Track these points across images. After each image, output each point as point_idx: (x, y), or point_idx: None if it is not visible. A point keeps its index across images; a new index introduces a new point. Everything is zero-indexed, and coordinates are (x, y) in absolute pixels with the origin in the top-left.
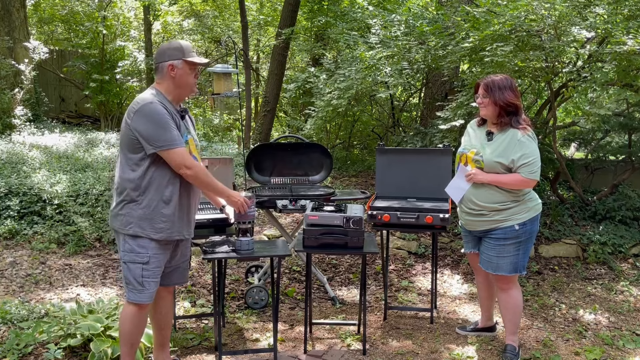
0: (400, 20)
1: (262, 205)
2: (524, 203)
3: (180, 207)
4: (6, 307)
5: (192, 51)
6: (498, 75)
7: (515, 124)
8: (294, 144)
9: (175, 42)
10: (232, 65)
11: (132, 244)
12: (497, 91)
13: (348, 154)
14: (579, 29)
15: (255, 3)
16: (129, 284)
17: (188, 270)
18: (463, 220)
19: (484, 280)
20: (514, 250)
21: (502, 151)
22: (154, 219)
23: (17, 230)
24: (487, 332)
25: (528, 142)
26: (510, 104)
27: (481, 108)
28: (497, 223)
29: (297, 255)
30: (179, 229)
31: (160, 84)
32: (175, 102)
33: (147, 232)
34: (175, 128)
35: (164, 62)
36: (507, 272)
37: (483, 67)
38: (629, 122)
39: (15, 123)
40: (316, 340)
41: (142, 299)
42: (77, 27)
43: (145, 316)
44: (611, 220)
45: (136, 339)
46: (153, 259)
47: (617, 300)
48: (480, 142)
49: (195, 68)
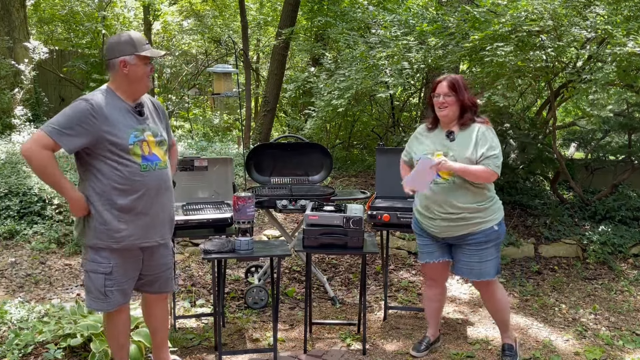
0: (400, 20)
1: (262, 205)
2: (495, 202)
3: (142, 209)
4: (6, 307)
5: (145, 43)
6: (452, 74)
7: (476, 119)
8: (294, 144)
9: (125, 35)
10: (232, 65)
11: (92, 253)
12: (463, 90)
13: (348, 154)
14: (579, 29)
15: (255, 3)
16: (90, 292)
17: (172, 278)
18: (434, 227)
19: (440, 293)
20: (495, 251)
21: (470, 146)
22: (109, 227)
23: (17, 230)
24: (436, 343)
25: (493, 135)
26: (474, 102)
27: (442, 109)
28: (478, 225)
29: (297, 255)
30: (143, 235)
31: (112, 82)
32: (130, 100)
33: (107, 243)
34: (80, 130)
35: (115, 59)
36: (491, 276)
37: (483, 67)
38: (629, 122)
39: (15, 123)
40: (316, 340)
41: (107, 307)
42: (77, 27)
43: (124, 318)
44: (611, 220)
45: (123, 340)
46: (116, 268)
47: (617, 300)
48: (442, 145)
49: (149, 62)
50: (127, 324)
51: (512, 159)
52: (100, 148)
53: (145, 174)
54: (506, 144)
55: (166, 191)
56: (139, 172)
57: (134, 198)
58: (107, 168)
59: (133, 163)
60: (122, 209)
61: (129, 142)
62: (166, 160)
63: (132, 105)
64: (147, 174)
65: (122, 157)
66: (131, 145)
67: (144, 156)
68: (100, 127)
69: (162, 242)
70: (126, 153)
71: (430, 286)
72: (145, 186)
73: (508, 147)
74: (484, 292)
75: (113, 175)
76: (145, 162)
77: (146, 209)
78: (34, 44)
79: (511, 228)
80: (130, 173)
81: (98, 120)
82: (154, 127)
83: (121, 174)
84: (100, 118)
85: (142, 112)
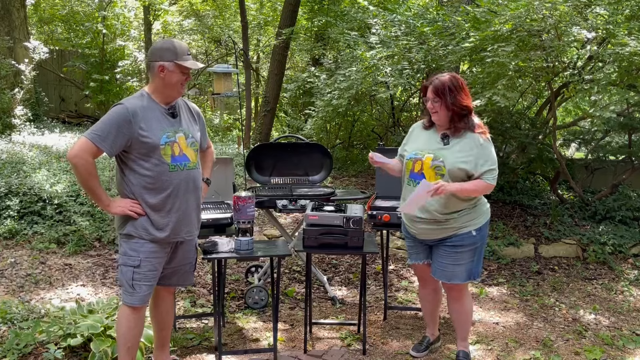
0: (400, 20)
1: (262, 205)
2: (479, 207)
3: (171, 207)
4: (6, 307)
5: (187, 54)
6: (445, 75)
7: (471, 127)
8: (294, 144)
9: (169, 42)
10: (232, 65)
11: (125, 246)
12: (449, 94)
13: (348, 154)
14: (579, 29)
15: (255, 3)
16: (122, 286)
17: (192, 273)
18: (415, 229)
19: (432, 292)
20: (469, 257)
21: (466, 157)
22: (145, 219)
23: (17, 230)
24: (435, 343)
25: (490, 147)
26: (463, 107)
27: (432, 113)
28: (454, 230)
29: (297, 255)
30: (171, 231)
31: (150, 83)
32: (163, 103)
33: (140, 233)
34: (118, 133)
35: (155, 62)
36: (461, 280)
37: (483, 67)
38: (629, 122)
39: (15, 123)
40: (316, 340)
41: (134, 301)
42: (77, 27)
43: (140, 318)
44: (611, 220)
45: (133, 341)
46: (145, 262)
47: (617, 300)
48: (434, 146)
49: (187, 72)
50: (141, 325)
51: (512, 159)
52: (134, 148)
53: (172, 173)
54: (506, 144)
55: (194, 190)
56: (167, 172)
57: (162, 196)
58: (138, 167)
59: (163, 163)
60: (153, 207)
61: (161, 143)
62: (196, 161)
63: (165, 108)
64: (175, 173)
65: (153, 157)
66: (162, 145)
67: (174, 157)
68: (136, 129)
69: (189, 238)
70: (157, 153)
71: (422, 286)
72: (172, 185)
73: (508, 147)
74: (451, 295)
75: (144, 175)
76: (175, 162)
77: (175, 207)
78: (34, 44)
79: (511, 228)
80: (159, 173)
81: (134, 123)
82: (187, 129)
83: (151, 173)
84: (136, 120)
85: (175, 114)
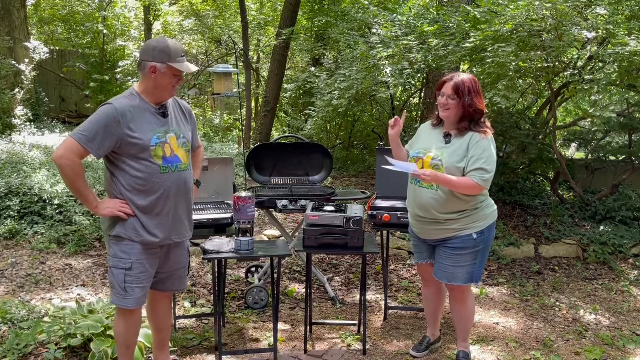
0: (400, 20)
1: (262, 205)
2: (482, 210)
3: (161, 210)
4: (6, 307)
5: (181, 55)
6: (466, 75)
7: (474, 127)
8: (294, 144)
9: (163, 42)
10: (232, 65)
11: (115, 248)
12: (467, 95)
13: (348, 154)
14: (579, 29)
15: (255, 3)
16: (113, 288)
17: (186, 277)
18: (416, 228)
19: (435, 292)
20: (470, 259)
21: (461, 155)
22: (135, 220)
23: (17, 230)
24: (436, 343)
25: (486, 145)
26: (478, 110)
27: (444, 110)
28: (455, 232)
29: (297, 255)
30: (162, 233)
31: (140, 82)
32: (153, 103)
33: (129, 234)
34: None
35: (146, 61)
36: (462, 282)
37: (484, 67)
38: (629, 122)
39: (15, 123)
40: (316, 340)
41: (128, 304)
42: (77, 27)
43: (136, 319)
44: (611, 220)
45: (131, 341)
46: (137, 264)
47: (617, 300)
48: (436, 145)
49: (179, 75)
50: (138, 324)
51: (512, 159)
52: (124, 149)
53: (163, 175)
54: (506, 144)
55: (186, 192)
56: (158, 173)
57: (152, 199)
58: (129, 168)
59: (153, 164)
60: (143, 209)
61: (151, 144)
62: (188, 162)
63: (155, 107)
64: (166, 175)
65: (143, 158)
66: (153, 146)
67: (165, 157)
68: (124, 130)
69: (180, 241)
70: (147, 154)
71: (425, 285)
72: (163, 187)
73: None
74: (454, 295)
75: (134, 176)
76: (166, 163)
77: (165, 209)
78: (34, 44)
79: (511, 228)
80: (149, 174)
81: (122, 123)
82: (178, 128)
83: (141, 175)
84: (124, 120)
85: (166, 114)
